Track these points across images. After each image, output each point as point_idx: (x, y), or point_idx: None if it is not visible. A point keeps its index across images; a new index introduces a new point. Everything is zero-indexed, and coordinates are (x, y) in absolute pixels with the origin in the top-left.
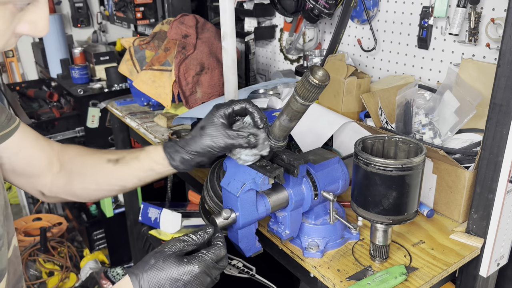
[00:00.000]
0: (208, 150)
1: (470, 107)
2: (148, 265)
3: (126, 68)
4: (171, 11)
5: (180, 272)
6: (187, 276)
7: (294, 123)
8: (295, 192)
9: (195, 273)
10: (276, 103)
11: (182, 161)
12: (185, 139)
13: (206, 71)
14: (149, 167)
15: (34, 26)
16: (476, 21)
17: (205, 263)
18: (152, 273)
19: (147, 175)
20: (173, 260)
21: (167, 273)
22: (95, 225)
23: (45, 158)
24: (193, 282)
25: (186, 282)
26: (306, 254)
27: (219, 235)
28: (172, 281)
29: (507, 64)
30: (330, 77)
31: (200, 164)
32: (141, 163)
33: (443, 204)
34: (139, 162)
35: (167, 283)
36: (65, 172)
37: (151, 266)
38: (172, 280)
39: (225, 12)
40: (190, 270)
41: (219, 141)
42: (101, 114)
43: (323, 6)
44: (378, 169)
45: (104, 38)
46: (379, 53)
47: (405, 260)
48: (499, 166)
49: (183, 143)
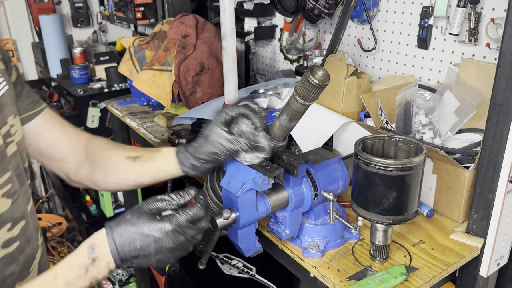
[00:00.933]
0: (214, 157)
1: (470, 107)
2: (124, 219)
3: (126, 68)
4: (171, 11)
5: (150, 228)
6: (157, 232)
7: (294, 123)
8: (295, 192)
9: (166, 230)
10: (276, 103)
11: (192, 167)
12: (193, 146)
13: (206, 71)
14: (163, 169)
15: None
16: (476, 21)
17: (178, 222)
18: (125, 227)
19: (161, 175)
20: (146, 217)
21: (138, 228)
22: (95, 225)
23: (68, 144)
24: (163, 239)
25: (157, 238)
26: (306, 254)
27: (201, 196)
28: (142, 236)
29: (507, 64)
30: (330, 77)
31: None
32: (156, 164)
33: (443, 204)
34: (154, 163)
35: (137, 238)
36: (90, 161)
37: (126, 221)
38: (143, 235)
39: (225, 12)
40: (161, 227)
41: (222, 148)
42: (101, 114)
43: (323, 6)
44: (378, 169)
45: (104, 38)
46: (379, 53)
47: (405, 260)
48: (499, 166)
49: (192, 150)
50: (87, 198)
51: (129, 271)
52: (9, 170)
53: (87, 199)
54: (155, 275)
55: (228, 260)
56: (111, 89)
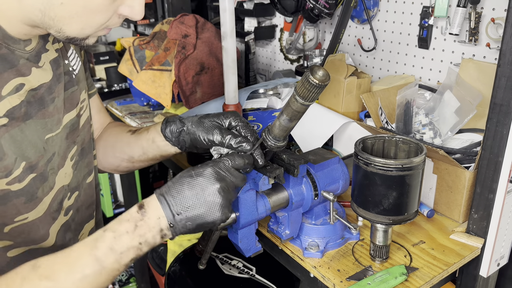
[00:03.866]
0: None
1: (470, 107)
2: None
3: (126, 68)
4: (171, 11)
5: (195, 171)
6: (199, 173)
7: (294, 123)
8: (295, 192)
9: (206, 172)
10: (276, 103)
11: (171, 131)
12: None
13: (206, 71)
14: (152, 138)
15: (132, 10)
16: (476, 21)
17: (218, 165)
18: (171, 183)
19: (149, 146)
20: (189, 169)
21: (183, 178)
22: None
23: (97, 128)
24: (203, 181)
25: (199, 181)
26: (306, 254)
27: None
28: (189, 183)
29: (507, 64)
30: (330, 77)
31: (187, 145)
32: (148, 134)
33: (443, 204)
34: (147, 133)
35: (185, 183)
36: (98, 139)
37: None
38: (189, 182)
39: (225, 12)
40: (202, 169)
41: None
42: None
43: (323, 6)
44: (378, 169)
45: (104, 38)
46: (379, 53)
47: (405, 260)
48: (499, 166)
49: (184, 115)
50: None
51: (129, 271)
52: (78, 143)
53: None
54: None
55: (228, 260)
56: (111, 89)
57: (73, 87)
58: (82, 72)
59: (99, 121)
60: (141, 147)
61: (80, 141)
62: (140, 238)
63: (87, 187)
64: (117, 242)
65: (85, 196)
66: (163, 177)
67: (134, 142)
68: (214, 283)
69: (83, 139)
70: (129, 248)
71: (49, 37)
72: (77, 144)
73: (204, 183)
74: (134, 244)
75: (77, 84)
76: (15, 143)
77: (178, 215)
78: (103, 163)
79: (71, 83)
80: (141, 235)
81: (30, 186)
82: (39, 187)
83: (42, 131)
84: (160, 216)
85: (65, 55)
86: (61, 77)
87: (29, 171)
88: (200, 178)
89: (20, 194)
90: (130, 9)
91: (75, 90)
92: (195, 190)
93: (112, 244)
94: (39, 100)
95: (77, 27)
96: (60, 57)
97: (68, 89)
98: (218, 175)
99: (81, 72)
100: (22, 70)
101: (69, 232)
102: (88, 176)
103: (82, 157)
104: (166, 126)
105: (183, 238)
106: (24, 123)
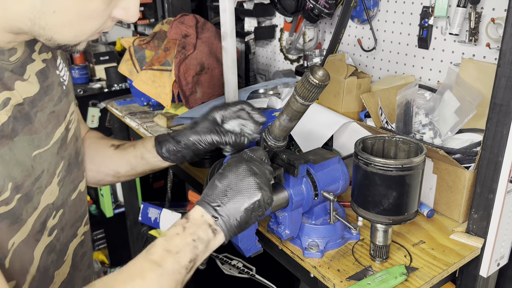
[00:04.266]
0: (194, 143)
1: (470, 107)
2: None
3: (126, 68)
4: (171, 11)
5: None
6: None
7: (294, 123)
8: (295, 192)
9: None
10: (276, 103)
11: (168, 151)
12: (177, 131)
13: (206, 71)
14: (141, 155)
15: (127, 12)
16: (476, 21)
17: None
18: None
19: (138, 162)
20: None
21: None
22: (95, 225)
23: None
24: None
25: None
26: (306, 254)
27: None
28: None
29: (507, 64)
30: (330, 77)
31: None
32: (135, 150)
33: (443, 204)
34: (134, 149)
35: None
36: None
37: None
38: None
39: (225, 12)
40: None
41: (206, 137)
42: (101, 114)
43: (323, 6)
44: (378, 169)
45: (104, 38)
46: (379, 53)
47: (405, 260)
48: (499, 166)
49: (174, 134)
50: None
51: None
52: (65, 158)
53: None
54: None
55: (228, 260)
56: (111, 89)
57: (64, 99)
58: (71, 83)
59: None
60: (128, 163)
61: (67, 156)
62: (191, 235)
63: (71, 204)
64: (170, 244)
65: (69, 214)
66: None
67: (119, 157)
68: (214, 283)
69: (70, 154)
70: (184, 246)
71: (35, 45)
72: (64, 159)
73: (232, 171)
74: (187, 241)
75: (66, 96)
76: (3, 163)
77: (219, 207)
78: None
79: (62, 95)
80: (191, 233)
81: (16, 208)
82: (23, 208)
83: (29, 148)
84: (203, 214)
85: (54, 66)
86: (49, 90)
87: (15, 192)
88: (226, 170)
89: (5, 217)
90: (125, 11)
91: (65, 102)
92: (226, 180)
93: (166, 246)
94: (25, 116)
95: (70, 35)
96: (48, 68)
97: (61, 102)
98: (239, 158)
99: (69, 82)
100: (8, 83)
101: (53, 253)
102: (73, 193)
103: (68, 172)
104: (161, 146)
105: None
106: (12, 141)
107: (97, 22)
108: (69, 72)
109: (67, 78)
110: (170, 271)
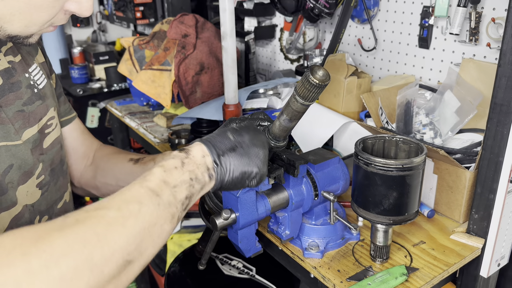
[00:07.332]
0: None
1: (470, 107)
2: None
3: (126, 68)
4: (171, 10)
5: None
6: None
7: (294, 123)
8: (295, 193)
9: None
10: (276, 103)
11: None
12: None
13: (206, 71)
14: None
15: (79, 5)
16: (477, 20)
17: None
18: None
19: None
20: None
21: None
22: None
23: (82, 151)
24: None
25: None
26: (306, 254)
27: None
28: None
29: (507, 64)
30: (330, 76)
31: None
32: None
33: (443, 204)
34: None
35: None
36: (94, 166)
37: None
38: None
39: (225, 12)
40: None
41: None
42: (101, 114)
43: (323, 5)
44: (378, 169)
45: (103, 37)
46: (379, 52)
47: (406, 260)
48: (500, 166)
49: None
50: (86, 198)
51: None
52: (44, 162)
53: (86, 199)
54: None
55: (228, 261)
56: (110, 89)
57: (37, 101)
58: (49, 90)
59: (85, 143)
60: None
61: (48, 160)
62: (189, 173)
63: (58, 213)
64: (168, 176)
65: None
66: None
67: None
68: (214, 283)
69: (51, 159)
70: (182, 182)
71: (1, 47)
72: (44, 163)
73: (249, 133)
74: (185, 178)
75: (42, 100)
76: None
77: (223, 156)
78: (103, 190)
79: (34, 97)
80: (190, 171)
81: None
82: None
83: None
84: (204, 155)
85: (24, 69)
86: (14, 87)
87: None
88: (243, 130)
89: None
90: (78, 5)
91: (39, 105)
92: (240, 138)
93: (164, 177)
94: None
95: (20, 24)
96: (14, 69)
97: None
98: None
99: (47, 89)
100: None
101: None
102: (59, 201)
103: (52, 178)
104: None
105: (183, 238)
106: None
107: (48, 13)
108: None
109: (43, 84)
110: (166, 202)
